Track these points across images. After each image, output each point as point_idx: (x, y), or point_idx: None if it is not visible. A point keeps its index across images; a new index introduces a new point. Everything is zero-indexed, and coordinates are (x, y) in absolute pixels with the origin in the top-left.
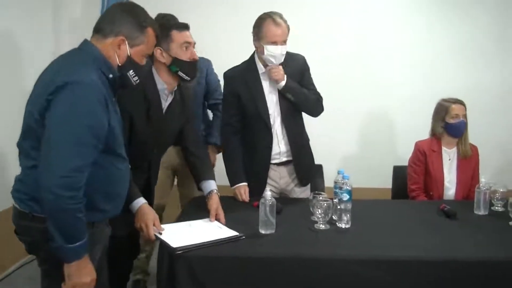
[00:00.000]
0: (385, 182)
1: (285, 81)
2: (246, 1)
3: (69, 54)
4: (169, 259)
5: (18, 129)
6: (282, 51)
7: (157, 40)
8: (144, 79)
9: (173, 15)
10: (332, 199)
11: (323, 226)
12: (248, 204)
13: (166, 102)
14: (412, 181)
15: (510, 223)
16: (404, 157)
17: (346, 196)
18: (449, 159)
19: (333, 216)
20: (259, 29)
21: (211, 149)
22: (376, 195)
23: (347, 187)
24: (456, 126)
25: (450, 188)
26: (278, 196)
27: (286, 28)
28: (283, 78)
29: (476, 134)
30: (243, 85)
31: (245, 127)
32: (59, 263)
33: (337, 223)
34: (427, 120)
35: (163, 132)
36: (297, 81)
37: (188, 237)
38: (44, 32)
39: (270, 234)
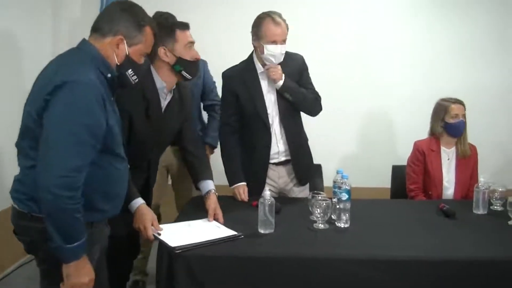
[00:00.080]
0: (384, 181)
1: (283, 81)
2: (245, 1)
3: (68, 53)
4: (168, 259)
5: (17, 129)
6: (282, 51)
7: (160, 40)
8: (143, 78)
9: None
10: (331, 198)
11: (322, 225)
12: (247, 203)
13: (165, 101)
14: (411, 181)
15: (509, 222)
16: (403, 157)
17: (345, 196)
18: (448, 159)
19: (332, 216)
20: (259, 29)
21: (206, 149)
22: (375, 194)
23: (346, 186)
24: (456, 126)
25: (449, 188)
26: (277, 195)
27: (286, 28)
28: (281, 78)
29: (475, 134)
30: (242, 84)
31: (243, 127)
32: (58, 263)
33: (336, 222)
34: (426, 119)
35: (162, 131)
36: (296, 80)
37: (186, 236)
38: (44, 31)
39: (269, 233)
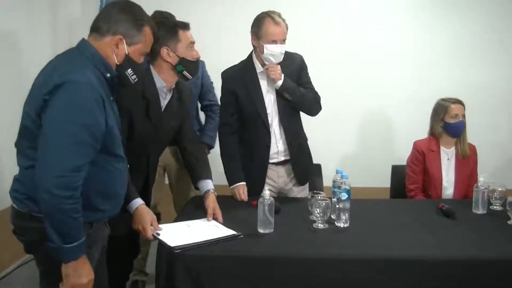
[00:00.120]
0: (384, 181)
1: (282, 81)
2: (245, 1)
3: (67, 53)
4: (168, 258)
5: (16, 128)
6: (282, 50)
7: (163, 40)
8: (143, 78)
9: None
10: (330, 198)
11: (322, 225)
12: (247, 203)
13: (165, 100)
14: (411, 181)
15: (509, 222)
16: (402, 157)
17: (344, 196)
18: (448, 159)
19: (331, 216)
20: (259, 28)
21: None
22: (375, 194)
23: (346, 186)
24: (456, 126)
25: (448, 188)
26: (276, 195)
27: (285, 27)
28: (280, 78)
29: (474, 134)
30: (241, 84)
31: (243, 127)
32: (57, 263)
33: (335, 222)
34: (426, 119)
35: (161, 130)
36: (295, 80)
37: (186, 236)
38: (43, 31)
39: (268, 233)
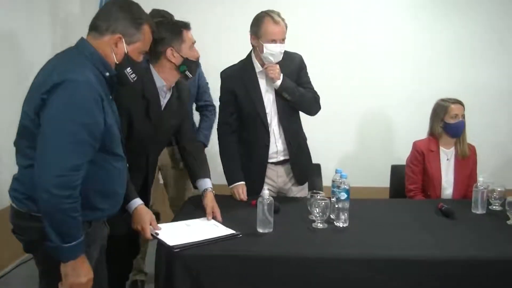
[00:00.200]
0: (383, 181)
1: (281, 80)
2: (245, 1)
3: (65, 52)
4: (167, 258)
5: (15, 127)
6: (281, 50)
7: (168, 40)
8: (142, 77)
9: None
10: (330, 198)
11: (321, 225)
12: (246, 203)
13: (165, 100)
14: (410, 181)
15: (508, 222)
16: (402, 157)
17: (344, 195)
18: (447, 159)
19: (331, 215)
20: (258, 28)
21: None
22: (374, 194)
23: (345, 186)
24: (456, 126)
25: (447, 188)
26: (275, 195)
27: (285, 27)
28: (279, 77)
29: (474, 134)
30: (240, 84)
31: (242, 126)
32: (56, 262)
33: (335, 222)
34: (425, 119)
35: (161, 129)
36: (294, 80)
37: (185, 235)
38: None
39: (268, 233)
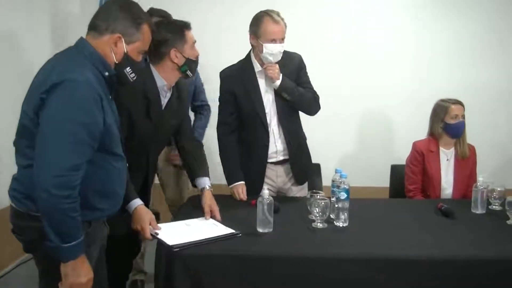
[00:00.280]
0: (383, 181)
1: (280, 80)
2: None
3: (65, 52)
4: (167, 258)
5: (15, 127)
6: (281, 49)
7: (172, 42)
8: (143, 77)
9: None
10: (329, 198)
11: (321, 225)
12: (246, 202)
13: (165, 99)
14: (410, 181)
15: (508, 221)
16: (402, 157)
17: (343, 195)
18: (447, 160)
19: (330, 215)
20: (257, 27)
21: None
22: (374, 194)
23: (345, 185)
24: (456, 126)
25: (447, 188)
26: (275, 194)
27: (284, 26)
28: (279, 77)
29: (474, 134)
30: (239, 83)
31: (241, 126)
32: (56, 262)
33: (334, 222)
34: (425, 119)
35: (162, 129)
36: (294, 79)
37: (184, 235)
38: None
39: (267, 232)
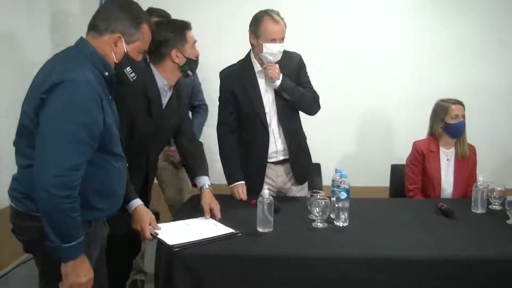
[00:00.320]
0: (383, 180)
1: (280, 81)
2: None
3: (65, 52)
4: (167, 257)
5: (15, 127)
6: (280, 49)
7: (173, 42)
8: (144, 76)
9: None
10: (329, 197)
11: (321, 224)
12: (246, 202)
13: (166, 98)
14: (410, 181)
15: (508, 221)
16: (402, 157)
17: (344, 195)
18: (447, 159)
19: (331, 215)
20: (257, 27)
21: None
22: (374, 193)
23: (345, 185)
24: (456, 126)
25: (447, 188)
26: (275, 194)
27: (284, 26)
28: (279, 77)
29: (474, 134)
30: (239, 83)
31: (241, 126)
32: (56, 262)
33: (334, 221)
34: (425, 119)
35: (162, 128)
36: (294, 79)
37: (184, 234)
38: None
39: (268, 232)
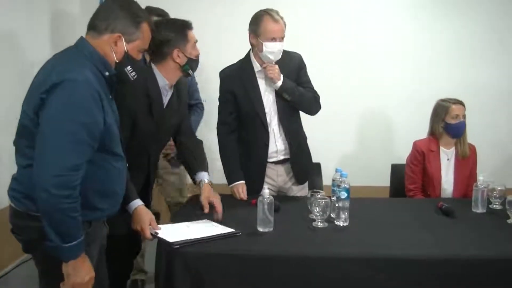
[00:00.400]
0: (383, 180)
1: (281, 81)
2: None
3: (65, 52)
4: (167, 257)
5: (15, 127)
6: (280, 48)
7: (175, 42)
8: (145, 76)
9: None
10: (330, 197)
11: (321, 224)
12: (246, 202)
13: (166, 98)
14: (410, 181)
15: (508, 221)
16: (402, 156)
17: (344, 194)
18: (448, 159)
19: (331, 214)
20: (257, 26)
21: None
22: (374, 193)
23: (345, 185)
24: (457, 126)
25: (447, 188)
26: (276, 194)
27: (284, 25)
28: (279, 77)
29: (474, 133)
30: (239, 83)
31: (241, 126)
32: (56, 262)
33: (335, 221)
34: (426, 119)
35: (163, 128)
36: (294, 79)
37: (184, 233)
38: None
39: (268, 232)
